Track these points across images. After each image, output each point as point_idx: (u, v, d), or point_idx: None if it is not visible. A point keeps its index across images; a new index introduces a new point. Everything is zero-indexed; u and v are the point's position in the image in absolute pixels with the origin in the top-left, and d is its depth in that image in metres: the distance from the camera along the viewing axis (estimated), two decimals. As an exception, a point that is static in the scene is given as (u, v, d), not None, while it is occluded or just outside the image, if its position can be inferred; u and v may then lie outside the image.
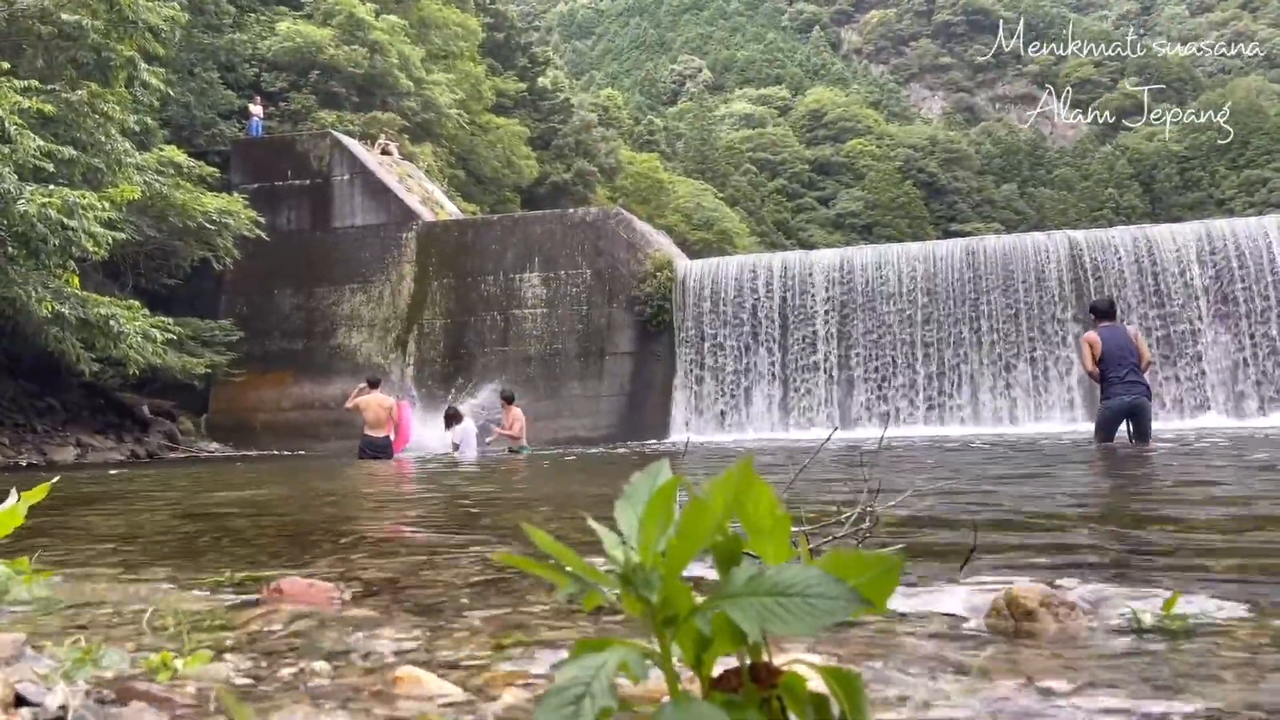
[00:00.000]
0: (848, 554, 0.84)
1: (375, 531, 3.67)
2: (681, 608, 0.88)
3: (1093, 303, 10.46)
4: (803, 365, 22.35)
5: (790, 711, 0.89)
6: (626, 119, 71.04)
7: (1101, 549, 2.50)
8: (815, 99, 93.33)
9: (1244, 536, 2.65)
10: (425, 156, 34.01)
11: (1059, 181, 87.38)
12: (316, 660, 1.36)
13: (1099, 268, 21.01)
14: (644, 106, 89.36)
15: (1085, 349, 9.63)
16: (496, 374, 24.03)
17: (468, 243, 25.26)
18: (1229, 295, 20.23)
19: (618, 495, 0.92)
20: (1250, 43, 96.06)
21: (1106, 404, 9.41)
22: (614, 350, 23.56)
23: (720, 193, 67.88)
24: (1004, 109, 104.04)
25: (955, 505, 3.94)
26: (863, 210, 79.83)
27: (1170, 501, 4.03)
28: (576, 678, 0.82)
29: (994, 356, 21.27)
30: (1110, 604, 1.53)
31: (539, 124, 48.08)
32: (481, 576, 2.21)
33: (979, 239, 24.02)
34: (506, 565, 0.79)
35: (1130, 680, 1.12)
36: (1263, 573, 1.98)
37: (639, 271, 23.47)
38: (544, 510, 4.60)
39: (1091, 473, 6.60)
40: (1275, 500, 4.07)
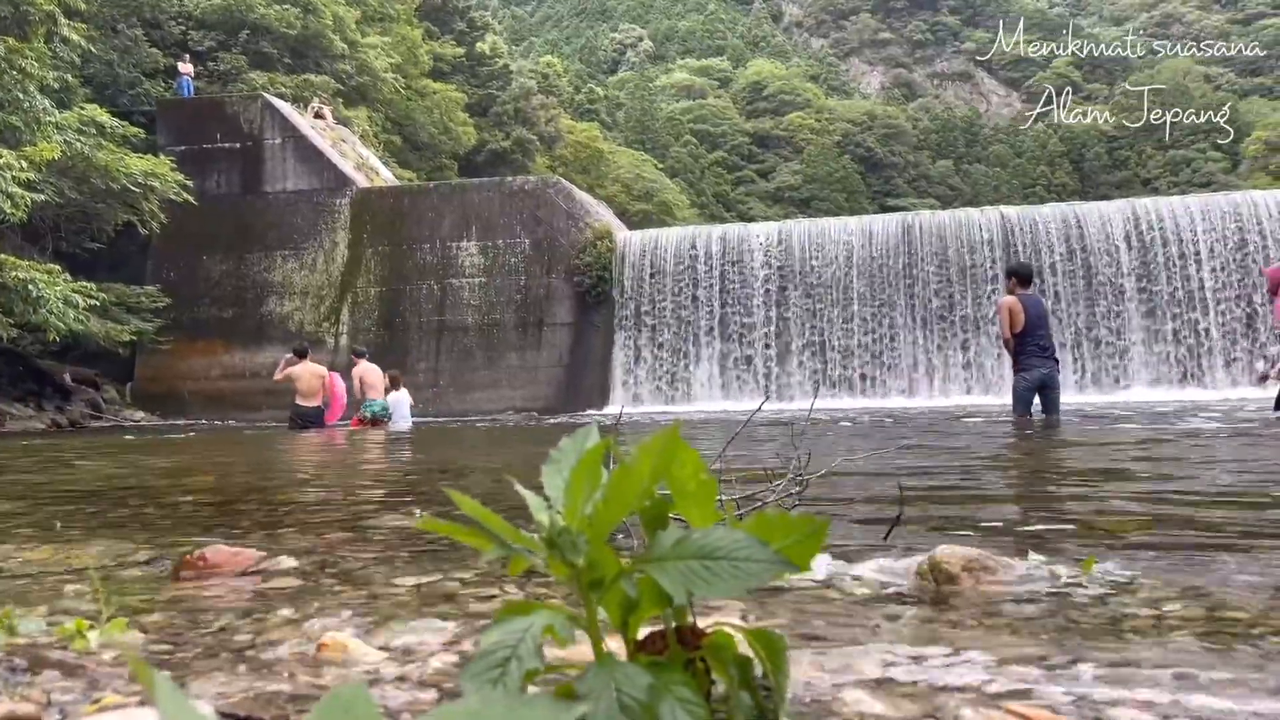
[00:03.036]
0: (774, 517, 0.84)
1: (303, 501, 3.62)
2: (607, 571, 0.87)
3: (1014, 266, 10.08)
4: (741, 337, 22.50)
5: (714, 673, 0.90)
6: (566, 87, 70.39)
7: (1023, 516, 2.57)
8: (756, 71, 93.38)
9: (1158, 506, 2.74)
10: (360, 121, 33.36)
11: (993, 159, 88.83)
12: (239, 628, 1.34)
13: (1030, 244, 21.45)
14: (584, 75, 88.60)
15: (1005, 315, 9.32)
16: (432, 343, 23.81)
17: (404, 210, 24.89)
18: (1153, 273, 20.81)
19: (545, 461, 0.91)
20: (1178, 25, 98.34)
21: (1024, 375, 9.27)
22: (553, 321, 23.47)
23: (660, 164, 67.76)
24: (941, 86, 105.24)
25: (883, 473, 4.01)
26: (801, 184, 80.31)
27: (1088, 471, 4.15)
28: (502, 641, 0.82)
29: (928, 330, 21.64)
30: (1029, 568, 1.57)
31: (477, 90, 47.41)
32: (410, 545, 2.19)
33: (915, 214, 24.35)
34: (433, 532, 0.78)
35: (1043, 640, 1.15)
36: (1174, 540, 2.04)
37: (578, 241, 23.37)
38: (476, 478, 4.58)
39: (1014, 444, 6.76)
40: (1187, 471, 4.21)
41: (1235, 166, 67.42)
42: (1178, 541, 1.99)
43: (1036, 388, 9.29)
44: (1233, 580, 1.55)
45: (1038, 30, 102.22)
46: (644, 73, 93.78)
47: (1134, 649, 1.10)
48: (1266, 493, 3.18)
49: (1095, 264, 21.09)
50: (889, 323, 21.87)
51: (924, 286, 21.79)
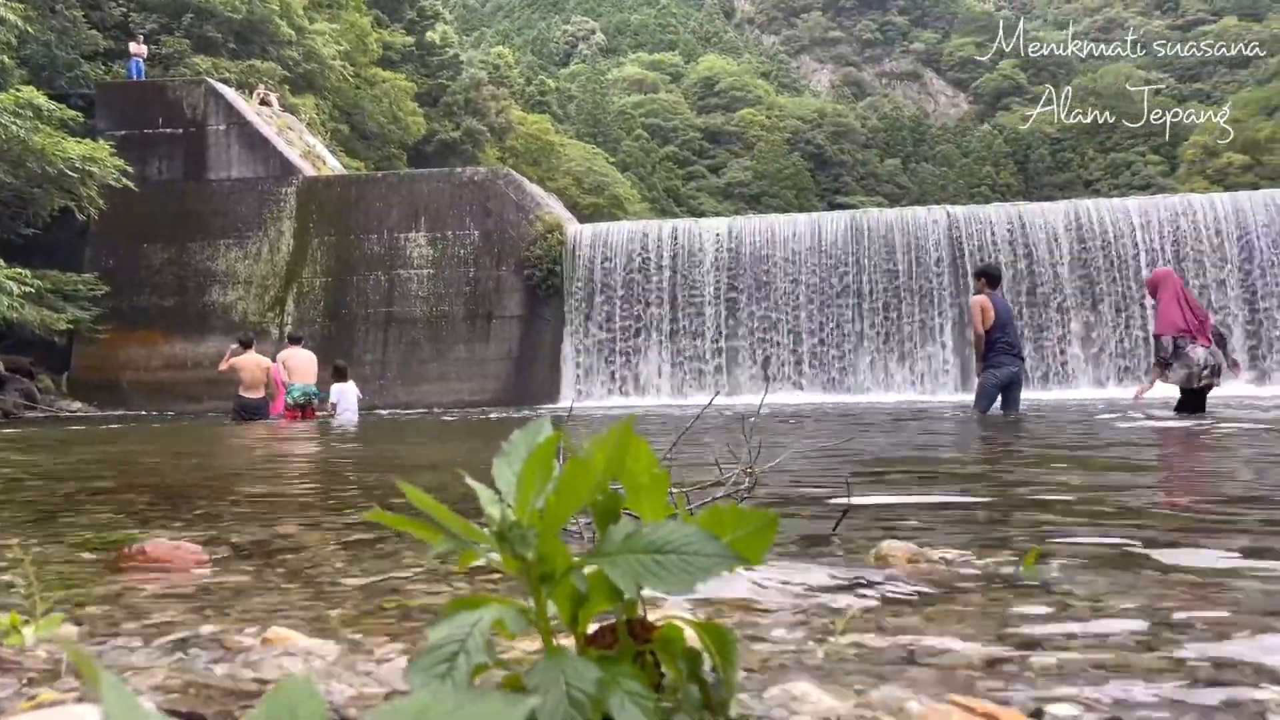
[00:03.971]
0: (725, 510, 0.85)
1: (247, 493, 3.56)
2: (558, 565, 0.87)
3: (985, 267, 10.32)
4: (692, 332, 22.58)
5: (663, 666, 0.90)
6: (518, 78, 69.95)
7: (970, 509, 2.61)
8: (707, 67, 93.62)
9: (1103, 500, 2.80)
10: (307, 109, 32.86)
11: (940, 158, 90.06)
12: (179, 622, 1.31)
13: (975, 243, 21.79)
14: (536, 66, 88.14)
15: (978, 314, 9.55)
16: (380, 335, 23.57)
17: (351, 200, 24.57)
18: (1093, 272, 21.27)
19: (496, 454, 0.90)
20: (1120, 30, 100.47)
21: (993, 372, 9.50)
22: (502, 313, 23.35)
23: (612, 157, 67.66)
24: (890, 85, 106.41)
25: (832, 467, 4.05)
26: (752, 180, 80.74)
27: (1039, 466, 4.23)
28: (450, 635, 0.81)
29: (875, 326, 21.89)
30: (975, 560, 1.60)
31: (427, 80, 46.94)
32: (356, 538, 2.17)
33: (863, 212, 24.63)
34: (381, 525, 0.77)
35: (988, 633, 1.17)
36: (1118, 531, 2.09)
37: (529, 234, 23.27)
38: (425, 471, 4.55)
39: (966, 438, 6.87)
40: (1130, 465, 4.32)
41: (1173, 170, 69.11)
42: (1121, 537, 2.04)
43: (1003, 385, 9.51)
44: (1170, 573, 1.59)
45: (984, 32, 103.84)
46: (596, 66, 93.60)
47: (1076, 643, 1.12)
48: (1212, 490, 3.27)
49: (1038, 263, 21.50)
50: (837, 320, 22.09)
51: (872, 284, 22.04)
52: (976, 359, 9.80)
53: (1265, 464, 4.17)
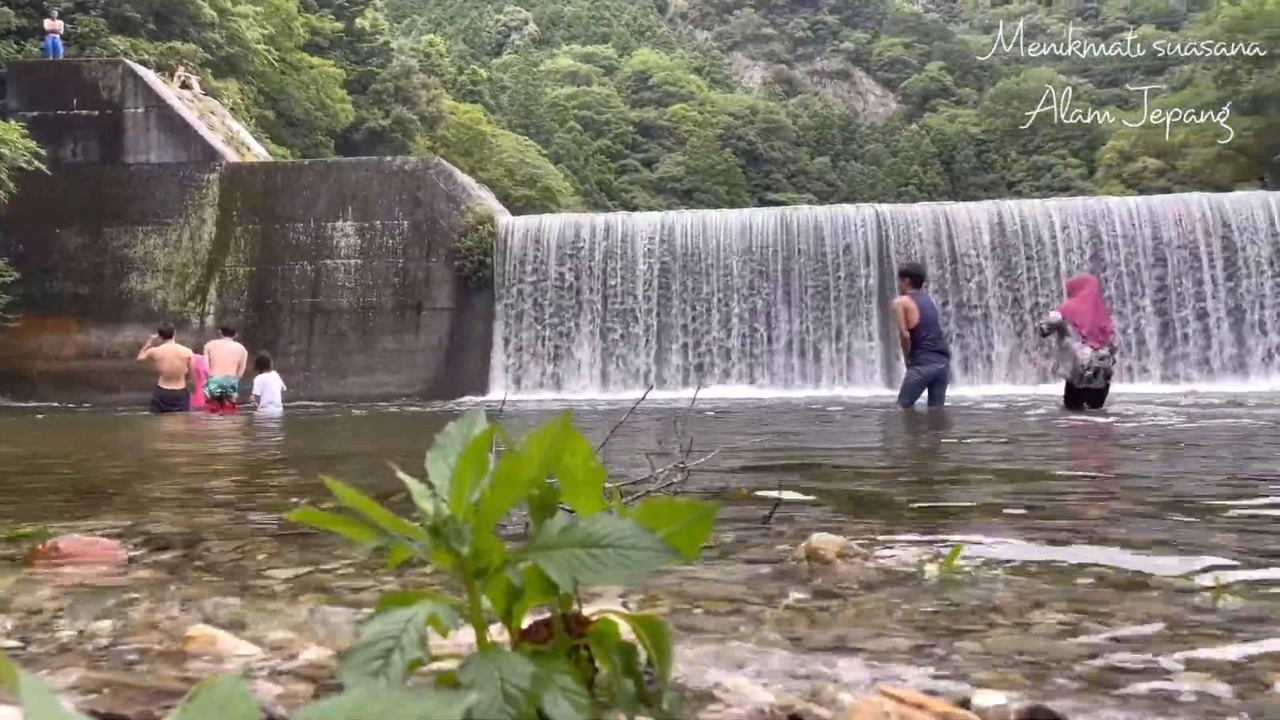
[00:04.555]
0: (661, 504, 0.85)
1: (167, 488, 3.47)
2: (493, 560, 0.86)
3: (907, 267, 10.49)
4: (623, 326, 22.60)
5: (598, 661, 0.90)
6: (449, 67, 69.12)
7: (899, 502, 2.66)
8: (641, 60, 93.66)
9: (1024, 495, 2.87)
10: (230, 94, 32.07)
11: (869, 157, 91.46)
12: (98, 621, 1.27)
13: (903, 241, 22.19)
14: (468, 56, 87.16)
15: (901, 314, 9.72)
16: (305, 325, 23.15)
17: (277, 187, 24.05)
18: (1014, 270, 21.82)
19: (430, 448, 0.89)
20: (1043, 35, 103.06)
21: (919, 369, 9.70)
22: (432, 305, 23.09)
23: (544, 149, 67.32)
24: (820, 83, 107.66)
25: (763, 461, 4.09)
26: (684, 175, 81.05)
27: (964, 460, 4.33)
28: (384, 632, 0.80)
29: (804, 322, 22.16)
30: (903, 554, 1.63)
31: (356, 67, 46.15)
32: (282, 534, 2.12)
33: (794, 209, 24.88)
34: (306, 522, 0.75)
35: (916, 624, 1.19)
36: (1039, 524, 2.15)
37: (459, 225, 23.04)
38: (352, 465, 4.48)
39: (892, 433, 6.99)
40: (1049, 459, 4.44)
41: (1092, 173, 71.14)
42: (1043, 527, 2.09)
43: (929, 382, 9.70)
44: (1091, 566, 1.64)
45: (912, 33, 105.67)
46: (529, 56, 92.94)
47: (999, 631, 1.15)
48: (1122, 482, 3.38)
49: (963, 261, 21.97)
50: (768, 315, 22.31)
51: (802, 280, 22.30)
52: (905, 358, 9.97)
53: (1175, 458, 4.33)
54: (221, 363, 14.03)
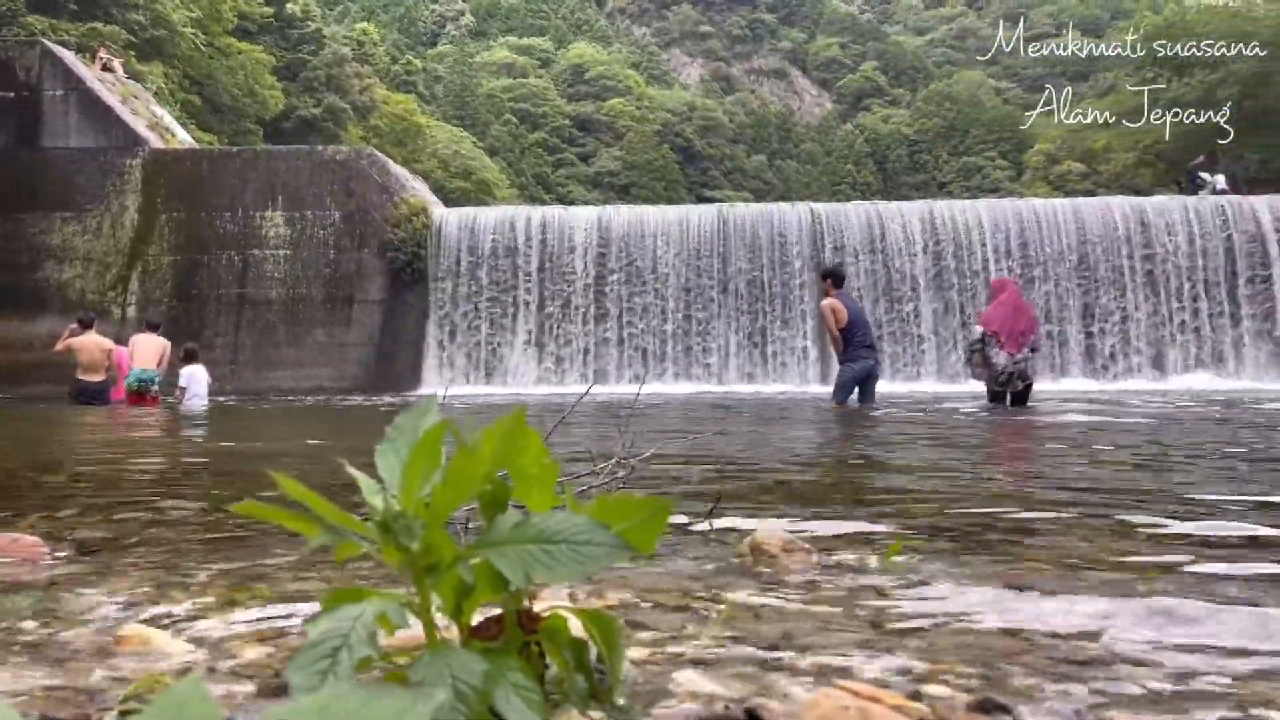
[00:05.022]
0: (616, 499, 0.84)
1: (90, 482, 3.37)
2: (444, 556, 0.85)
3: (829, 269, 10.76)
4: (560, 320, 22.53)
5: (549, 657, 0.89)
6: (383, 57, 68.13)
7: (839, 498, 2.69)
8: (578, 54, 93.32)
9: (955, 486, 2.93)
10: (155, 77, 31.20)
11: (804, 155, 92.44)
12: (23, 621, 1.23)
13: (836, 239, 22.48)
14: (402, 45, 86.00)
15: (829, 316, 9.97)
16: (232, 317, 22.65)
17: (203, 175, 23.47)
18: (944, 270, 22.25)
19: (379, 441, 0.88)
20: (974, 39, 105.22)
21: (851, 366, 9.93)
22: (364, 298, 22.75)
23: (480, 141, 66.74)
24: (757, 81, 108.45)
25: (704, 456, 4.11)
26: (621, 170, 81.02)
27: (897, 455, 4.40)
28: (332, 630, 0.78)
29: (741, 319, 22.33)
30: (845, 548, 1.65)
31: (286, 54, 45.24)
32: (215, 531, 2.07)
33: (730, 206, 25.04)
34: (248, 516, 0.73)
35: (861, 618, 1.20)
36: (975, 517, 2.19)
37: (392, 216, 22.73)
38: (283, 460, 4.39)
39: (831, 429, 7.08)
40: (977, 453, 4.53)
41: (1020, 175, 72.83)
42: (976, 525, 2.13)
43: (861, 379, 9.93)
44: (1025, 557, 1.67)
45: (848, 34, 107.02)
46: (464, 47, 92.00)
47: (943, 624, 1.17)
48: (1045, 474, 3.47)
49: (894, 260, 22.33)
50: (704, 311, 22.42)
51: (738, 277, 22.45)
52: (838, 358, 10.22)
53: (1094, 452, 4.46)
54: (142, 356, 13.69)
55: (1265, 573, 1.51)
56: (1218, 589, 1.40)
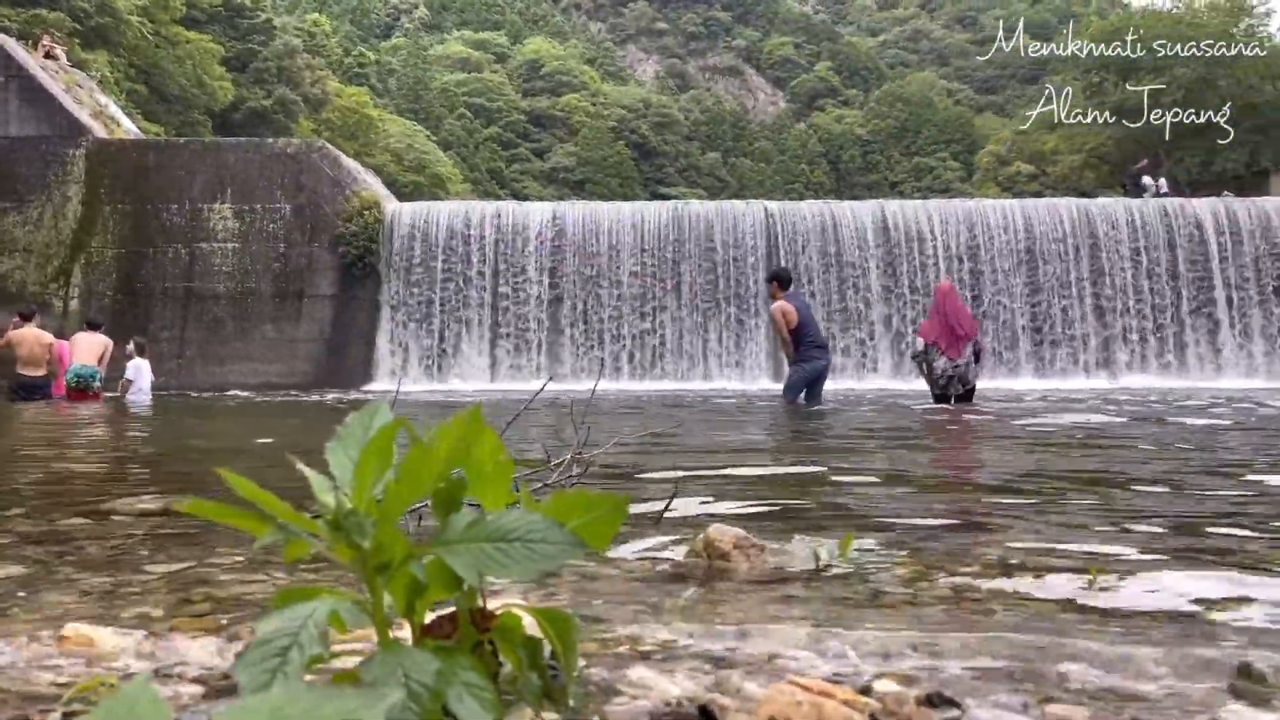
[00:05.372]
0: (571, 497, 0.84)
1: (29, 481, 3.29)
2: (396, 554, 0.85)
3: (777, 271, 10.90)
4: (514, 316, 22.41)
5: (502, 655, 0.89)
6: (335, 48, 67.29)
7: (790, 495, 2.71)
8: (534, 49, 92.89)
9: (906, 481, 2.97)
10: (99, 66, 30.54)
11: (758, 154, 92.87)
12: (-39, 623, 1.20)
13: (790, 237, 22.63)
14: (355, 37, 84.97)
15: (780, 319, 10.08)
16: (179, 311, 22.26)
17: (149, 166, 23.01)
18: (896, 269, 22.51)
19: (330, 439, 0.87)
20: (926, 40, 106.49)
21: (803, 365, 10.04)
22: (314, 292, 22.46)
23: (433, 135, 66.17)
24: (712, 79, 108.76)
25: (657, 454, 4.12)
26: (576, 166, 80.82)
27: (850, 453, 4.44)
28: (282, 628, 0.77)
29: (695, 316, 22.39)
30: (795, 544, 1.66)
31: (236, 44, 44.50)
32: (162, 530, 2.04)
33: (685, 203, 25.10)
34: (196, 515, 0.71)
35: (813, 613, 1.21)
36: (922, 512, 2.22)
37: (344, 210, 22.46)
38: (238, 458, 4.33)
39: (781, 427, 7.13)
40: (925, 449, 4.59)
41: (970, 176, 73.85)
42: (926, 517, 2.16)
43: (812, 378, 10.05)
44: (973, 551, 1.70)
45: (802, 34, 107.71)
46: (418, 41, 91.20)
47: (892, 621, 1.18)
48: (990, 470, 3.52)
49: (847, 259, 22.54)
50: (657, 307, 22.45)
51: (692, 274, 22.51)
52: (789, 361, 10.33)
53: (1036, 448, 4.54)
54: (82, 353, 13.43)
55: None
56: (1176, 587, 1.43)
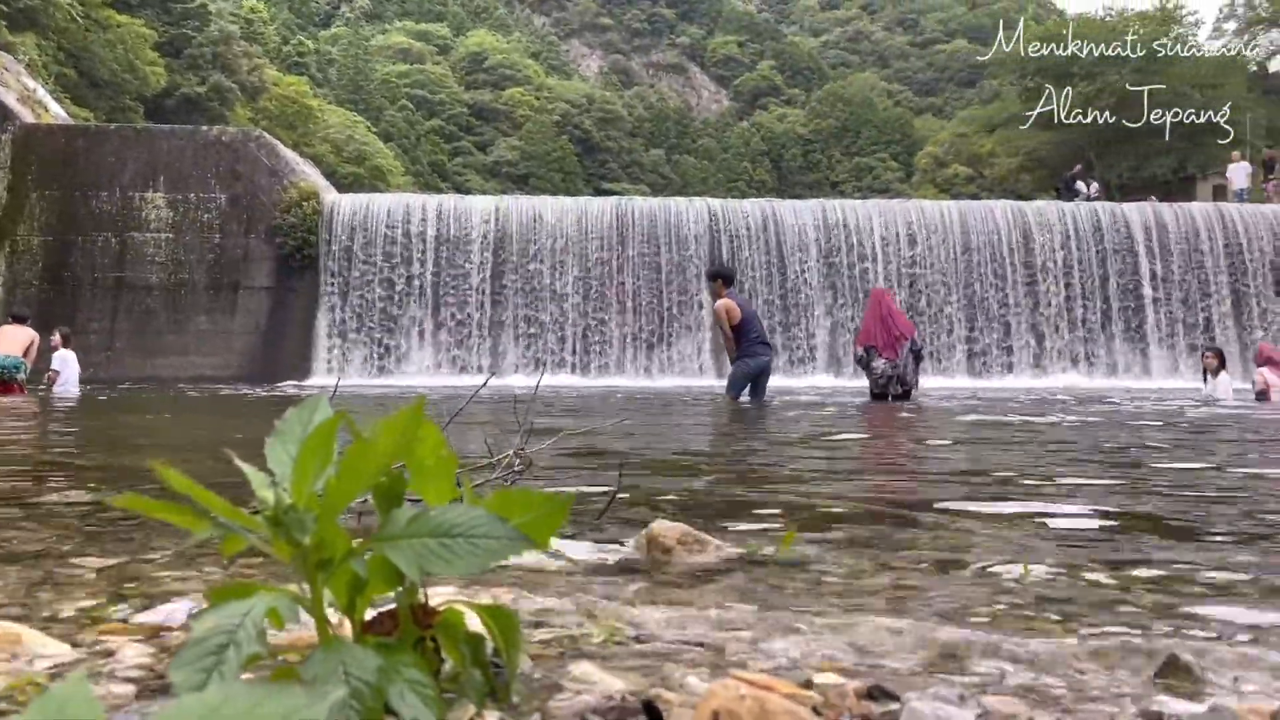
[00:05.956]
0: (515, 493, 0.84)
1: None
2: (337, 550, 0.83)
3: (719, 269, 10.97)
4: (456, 311, 22.22)
5: (445, 652, 0.88)
6: (273, 36, 66.02)
7: (732, 490, 2.73)
8: (477, 42, 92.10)
9: (850, 482, 3.00)
10: (27, 49, 29.61)
11: (702, 151, 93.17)
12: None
13: (732, 234, 22.77)
14: (293, 25, 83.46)
15: (724, 317, 10.13)
16: (109, 302, 21.70)
17: (78, 152, 22.38)
18: (836, 267, 22.77)
19: (270, 434, 0.85)
20: (867, 42, 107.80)
21: (747, 361, 10.11)
22: (250, 284, 22.04)
23: (374, 127, 65.28)
24: (656, 76, 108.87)
25: (603, 449, 4.12)
26: (519, 160, 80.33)
27: (790, 449, 4.48)
28: (218, 626, 0.76)
29: (638, 312, 22.41)
30: (739, 540, 1.67)
31: (170, 29, 43.44)
32: (93, 526, 1.98)
33: (628, 199, 25.11)
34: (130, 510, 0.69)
35: (756, 607, 1.23)
36: (863, 508, 2.25)
37: (282, 201, 22.06)
38: (172, 452, 4.23)
39: (725, 423, 7.17)
40: (863, 446, 4.65)
41: (909, 176, 74.96)
42: (865, 515, 2.19)
43: (755, 374, 10.11)
44: (909, 549, 1.73)
45: (746, 33, 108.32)
46: (359, 30, 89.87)
47: (832, 613, 1.20)
48: (921, 466, 3.58)
49: (789, 257, 22.74)
50: (600, 303, 22.43)
51: (635, 270, 22.53)
52: (731, 355, 10.40)
53: (974, 445, 4.63)
54: (7, 344, 13.00)
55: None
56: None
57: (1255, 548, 1.79)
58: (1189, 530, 1.98)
